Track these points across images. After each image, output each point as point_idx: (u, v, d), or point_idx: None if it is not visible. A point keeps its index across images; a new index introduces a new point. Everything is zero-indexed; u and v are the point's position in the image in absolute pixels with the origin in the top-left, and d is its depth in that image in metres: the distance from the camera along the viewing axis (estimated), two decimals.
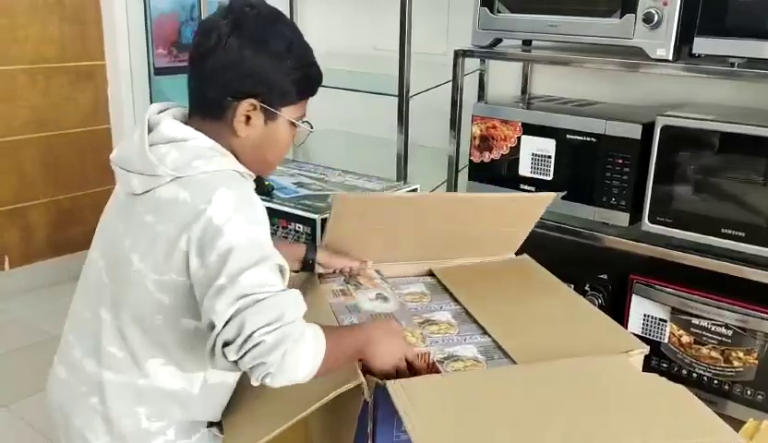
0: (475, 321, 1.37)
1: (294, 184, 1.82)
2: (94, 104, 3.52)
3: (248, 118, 1.11)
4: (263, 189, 1.65)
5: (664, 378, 1.16)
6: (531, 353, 1.23)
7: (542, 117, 1.84)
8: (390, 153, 2.18)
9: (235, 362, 0.99)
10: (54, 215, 3.49)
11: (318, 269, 1.48)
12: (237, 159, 1.14)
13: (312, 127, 1.21)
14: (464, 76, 1.98)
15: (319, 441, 1.32)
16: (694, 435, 1.02)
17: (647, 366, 1.71)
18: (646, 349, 1.25)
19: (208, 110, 1.13)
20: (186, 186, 1.06)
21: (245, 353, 0.98)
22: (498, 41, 1.92)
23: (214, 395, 1.20)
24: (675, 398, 1.11)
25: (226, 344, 0.99)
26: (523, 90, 2.21)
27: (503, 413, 1.06)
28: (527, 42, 2.05)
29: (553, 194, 1.50)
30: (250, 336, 0.97)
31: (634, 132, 1.70)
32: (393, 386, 1.08)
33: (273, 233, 1.11)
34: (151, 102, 3.82)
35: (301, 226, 1.55)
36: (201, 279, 1.03)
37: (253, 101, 1.10)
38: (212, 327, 1.00)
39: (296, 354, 0.99)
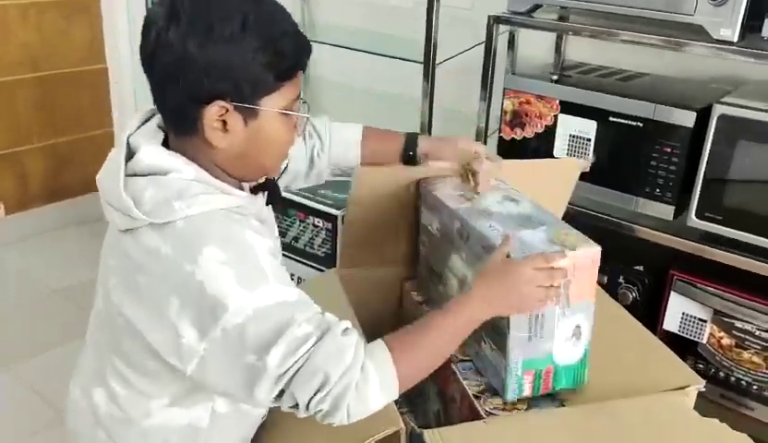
0: None
1: None
2: (90, 42, 3.32)
3: (224, 123, 0.91)
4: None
5: (725, 425, 1.06)
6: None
7: (583, 96, 1.68)
8: (413, 115, 2.01)
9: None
10: (50, 160, 3.35)
11: (422, 165, 1.30)
12: (230, 174, 0.97)
13: (309, 110, 1.00)
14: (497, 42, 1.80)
15: None
16: None
17: None
18: (702, 384, 1.14)
19: (175, 123, 0.95)
20: (167, 239, 0.89)
21: (314, 414, 0.90)
22: (537, 6, 1.73)
23: (230, 425, 1.10)
24: None
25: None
26: (557, 56, 2.03)
27: None
28: (565, 10, 1.87)
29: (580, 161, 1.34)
30: (308, 406, 0.88)
31: (687, 119, 1.54)
32: (430, 435, 0.98)
33: (288, 228, 0.95)
34: None
35: (321, 221, 1.41)
36: (210, 352, 0.88)
37: (221, 102, 0.90)
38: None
39: (363, 400, 0.89)
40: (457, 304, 0.98)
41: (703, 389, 1.13)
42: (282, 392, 0.89)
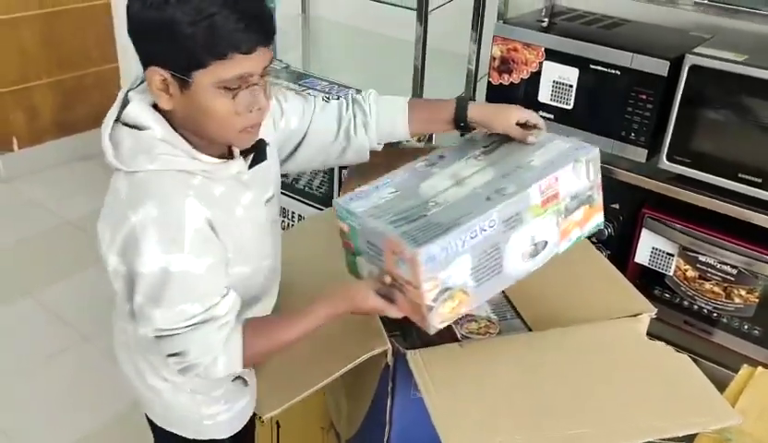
0: None
1: None
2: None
3: (167, 87, 0.97)
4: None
5: (670, 348, 1.21)
6: (542, 314, 1.28)
7: (566, 44, 1.77)
8: (406, 56, 2.10)
9: None
10: (58, 95, 3.45)
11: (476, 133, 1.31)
12: (198, 135, 1.04)
13: (258, 84, 0.99)
14: None
15: (342, 395, 1.40)
16: (692, 412, 1.09)
17: (651, 295, 1.79)
18: (653, 312, 1.29)
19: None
20: (128, 184, 1.01)
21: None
22: None
23: None
24: (678, 370, 1.17)
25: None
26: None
27: (511, 382, 1.12)
28: None
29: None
30: (166, 357, 1.08)
31: (661, 68, 1.64)
32: (412, 355, 1.14)
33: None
34: None
35: None
36: (121, 279, 1.05)
37: (156, 68, 0.95)
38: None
39: (209, 375, 1.09)
40: (317, 309, 1.11)
41: (654, 317, 1.28)
42: (156, 338, 1.06)
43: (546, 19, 1.92)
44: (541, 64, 1.82)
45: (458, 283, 1.04)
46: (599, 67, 1.73)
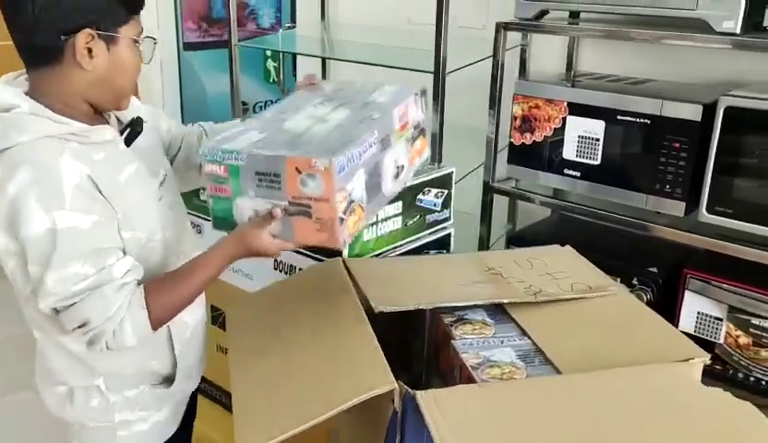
0: (513, 320, 1.26)
1: None
2: None
3: (90, 50, 1.08)
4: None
5: (728, 394, 1.03)
6: (576, 359, 1.11)
7: (590, 96, 1.69)
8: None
9: None
10: None
11: None
12: (89, 99, 1.13)
13: (155, 40, 1.18)
14: (507, 50, 1.84)
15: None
16: None
17: None
18: (707, 357, 1.12)
19: (43, 59, 1.09)
20: (2, 163, 1.05)
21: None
22: (544, 12, 1.77)
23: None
24: (742, 417, 0.98)
25: None
26: (568, 67, 2.06)
27: (543, 432, 0.94)
28: (575, 15, 1.91)
29: None
30: (72, 333, 1.08)
31: (694, 113, 1.54)
32: (424, 396, 0.97)
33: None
34: (180, 79, 3.76)
35: None
36: (14, 258, 1.07)
37: (88, 30, 1.07)
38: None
39: (118, 341, 1.08)
40: (211, 257, 1.14)
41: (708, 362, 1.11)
42: (56, 311, 1.06)
43: (568, 79, 1.86)
44: (564, 119, 1.74)
45: (357, 197, 1.08)
46: (627, 118, 1.64)
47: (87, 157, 1.09)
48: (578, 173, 1.74)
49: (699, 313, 1.62)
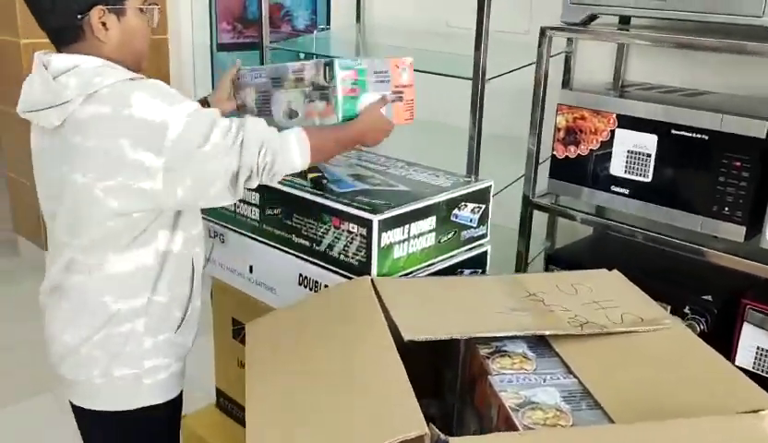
0: (557, 354, 1.14)
1: (351, 175, 1.61)
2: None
3: (104, 24, 1.22)
4: (316, 184, 1.46)
5: None
6: (628, 404, 0.99)
7: (642, 108, 1.57)
8: (460, 142, 1.94)
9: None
10: None
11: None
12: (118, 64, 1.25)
13: (158, 5, 1.31)
14: (550, 57, 1.72)
15: None
16: None
17: None
18: None
19: (67, 38, 1.23)
20: (102, 101, 1.17)
21: (261, 172, 1.23)
22: (593, 17, 1.65)
23: (171, 267, 1.31)
24: None
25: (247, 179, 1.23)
26: (616, 76, 1.93)
27: None
28: (625, 20, 1.78)
29: None
30: (258, 165, 1.22)
31: (758, 129, 1.41)
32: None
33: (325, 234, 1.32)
34: (213, 79, 3.70)
35: (355, 227, 1.34)
36: (171, 161, 1.16)
37: (100, 6, 1.21)
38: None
39: (288, 160, 1.26)
40: (351, 124, 1.38)
41: None
42: (237, 170, 1.20)
43: (616, 89, 1.73)
44: (613, 132, 1.61)
45: None
46: (682, 132, 1.51)
47: None
48: (626, 191, 1.61)
49: (758, 348, 1.48)
